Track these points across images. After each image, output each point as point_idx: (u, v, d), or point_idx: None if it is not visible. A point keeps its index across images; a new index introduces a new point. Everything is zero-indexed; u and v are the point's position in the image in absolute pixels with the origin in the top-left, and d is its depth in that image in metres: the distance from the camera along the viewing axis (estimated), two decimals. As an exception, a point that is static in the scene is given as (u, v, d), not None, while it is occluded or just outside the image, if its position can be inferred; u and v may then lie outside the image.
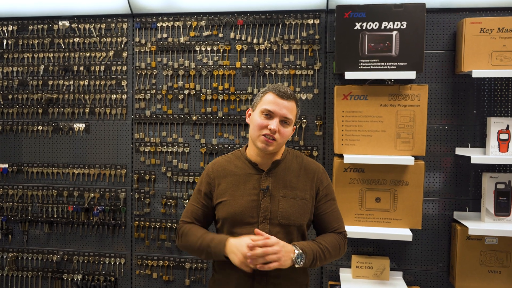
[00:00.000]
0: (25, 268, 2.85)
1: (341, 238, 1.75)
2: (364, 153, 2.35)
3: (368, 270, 2.44)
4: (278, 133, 1.64)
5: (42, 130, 2.81)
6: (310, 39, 2.55)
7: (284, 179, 1.71)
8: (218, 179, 1.74)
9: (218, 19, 2.62)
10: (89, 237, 2.79)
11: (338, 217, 1.78)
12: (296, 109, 1.71)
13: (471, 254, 2.34)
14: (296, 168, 1.75)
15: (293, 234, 1.70)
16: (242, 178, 1.72)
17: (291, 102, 1.67)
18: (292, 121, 1.69)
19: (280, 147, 1.72)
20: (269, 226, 1.67)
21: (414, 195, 2.33)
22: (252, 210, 1.67)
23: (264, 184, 1.69)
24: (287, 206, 1.68)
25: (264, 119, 1.65)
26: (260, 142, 1.66)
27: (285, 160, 1.75)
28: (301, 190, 1.71)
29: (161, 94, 2.69)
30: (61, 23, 2.77)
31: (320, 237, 1.73)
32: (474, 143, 2.44)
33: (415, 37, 2.27)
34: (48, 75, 2.80)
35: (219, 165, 1.78)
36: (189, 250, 1.75)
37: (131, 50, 2.72)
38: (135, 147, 2.73)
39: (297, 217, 1.69)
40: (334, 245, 1.70)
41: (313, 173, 1.75)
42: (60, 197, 2.81)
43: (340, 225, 1.77)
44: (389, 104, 2.33)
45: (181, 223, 1.78)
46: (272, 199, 1.68)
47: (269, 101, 1.66)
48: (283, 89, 1.67)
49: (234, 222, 1.68)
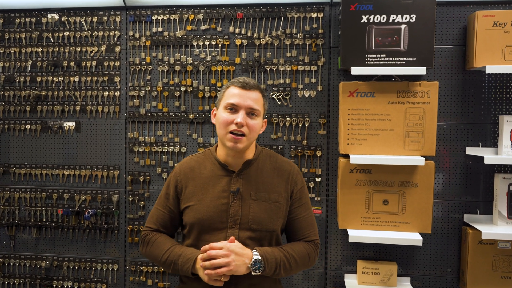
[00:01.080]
0: (11, 275, 2.72)
1: (311, 247, 1.66)
2: (371, 153, 2.24)
3: (375, 276, 2.33)
4: (246, 126, 1.53)
5: (30, 129, 2.69)
6: (314, 33, 2.44)
7: (257, 181, 1.61)
8: (185, 182, 1.65)
9: (216, 12, 2.50)
10: (80, 242, 2.67)
11: (311, 223, 1.69)
12: (263, 99, 1.61)
13: (483, 259, 2.23)
14: (269, 169, 1.64)
15: (265, 240, 1.60)
16: (211, 181, 1.61)
17: (256, 92, 1.57)
18: (260, 112, 1.59)
19: (251, 143, 1.60)
20: (239, 231, 1.56)
21: (424, 197, 2.23)
22: (221, 214, 1.57)
23: (234, 186, 1.59)
24: (259, 209, 1.58)
25: (229, 114, 1.55)
26: (228, 140, 1.55)
27: (258, 160, 1.64)
28: (274, 192, 1.61)
29: (156, 91, 2.57)
30: (50, 16, 2.65)
31: (288, 245, 1.65)
32: (485, 142, 2.33)
33: (424, 30, 2.16)
34: (36, 71, 2.67)
35: (187, 166, 1.68)
36: (154, 261, 1.66)
37: (125, 45, 2.60)
38: (128, 147, 2.61)
39: (269, 222, 1.59)
40: (302, 255, 1.62)
41: (287, 174, 1.66)
42: (49, 200, 2.68)
43: (312, 233, 1.68)
44: (397, 102, 2.22)
45: (146, 230, 1.70)
46: (243, 202, 1.58)
47: (232, 94, 1.57)
48: (245, 80, 1.58)
49: (202, 228, 1.59)
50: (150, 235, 1.67)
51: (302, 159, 2.46)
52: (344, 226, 2.29)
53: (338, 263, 2.46)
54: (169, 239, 1.66)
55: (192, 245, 1.62)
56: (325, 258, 2.47)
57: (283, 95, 2.46)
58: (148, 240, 1.66)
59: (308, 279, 2.48)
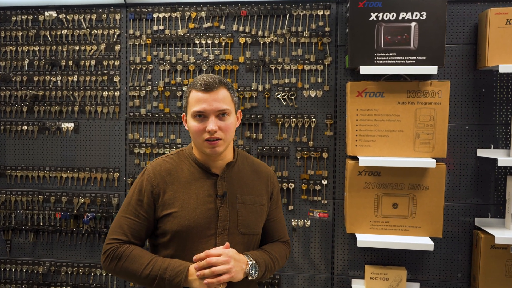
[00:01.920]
0: (8, 281, 2.65)
1: (287, 247, 1.70)
2: (380, 155, 2.18)
3: (383, 281, 2.26)
4: (220, 130, 1.44)
5: (27, 130, 2.62)
6: (320, 31, 2.37)
7: (240, 183, 1.54)
8: (163, 186, 1.48)
9: (219, 9, 2.43)
10: (79, 246, 2.60)
11: (284, 225, 1.71)
12: (230, 93, 1.49)
13: (495, 264, 2.17)
14: (248, 171, 1.59)
15: (251, 244, 1.55)
16: (193, 185, 1.49)
17: (220, 90, 1.45)
18: (230, 110, 1.47)
19: (229, 142, 1.51)
20: (228, 237, 1.48)
21: (435, 200, 2.16)
22: (209, 220, 1.47)
23: (221, 190, 1.50)
24: (246, 213, 1.52)
25: (198, 123, 1.45)
26: (205, 148, 1.45)
27: (237, 162, 1.57)
28: (258, 195, 1.57)
29: (157, 91, 2.50)
30: (48, 13, 2.58)
31: (268, 246, 1.62)
32: (496, 144, 2.27)
33: (435, 28, 2.10)
34: (33, 70, 2.61)
35: (162, 168, 1.51)
36: (129, 278, 1.48)
37: (125, 43, 2.53)
38: (129, 149, 2.54)
39: (256, 225, 1.55)
40: (282, 256, 1.64)
41: (266, 176, 1.62)
42: (47, 203, 2.61)
43: (286, 234, 1.71)
44: (407, 102, 2.16)
45: (114, 243, 1.46)
46: (230, 206, 1.50)
47: (196, 100, 1.45)
48: (206, 80, 1.45)
49: (188, 236, 1.45)
50: (122, 248, 1.45)
51: (308, 161, 2.39)
52: (352, 230, 2.22)
53: (345, 268, 2.39)
54: (146, 252, 1.48)
55: (174, 255, 1.47)
56: (331, 263, 2.40)
57: (288, 95, 2.39)
58: (120, 253, 1.44)
59: (314, 284, 2.41)
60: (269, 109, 2.42)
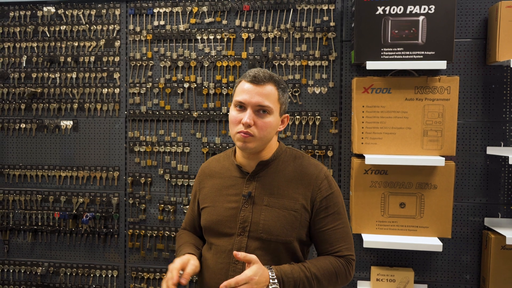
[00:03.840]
0: (6, 282, 2.63)
1: (341, 263, 1.45)
2: (387, 153, 2.13)
3: (390, 283, 2.21)
4: (255, 126, 1.40)
5: (25, 128, 2.61)
6: (325, 26, 2.33)
7: (272, 185, 1.46)
8: (204, 182, 1.59)
9: (221, 4, 2.40)
10: (78, 247, 2.58)
11: (343, 236, 1.47)
12: (278, 92, 1.44)
13: (506, 265, 2.12)
14: (290, 172, 1.48)
15: (279, 253, 1.44)
16: (227, 182, 1.52)
17: (267, 85, 1.42)
18: (272, 108, 1.42)
19: (264, 143, 1.45)
20: (248, 239, 1.43)
21: (443, 200, 2.10)
22: (230, 219, 1.46)
23: (246, 190, 1.46)
24: (271, 217, 1.43)
25: (237, 112, 1.43)
26: (237, 140, 1.43)
27: (277, 162, 1.50)
28: (290, 198, 1.45)
29: (158, 88, 2.47)
30: (46, 9, 2.56)
31: (313, 261, 1.45)
32: (507, 141, 2.21)
33: (444, 22, 2.04)
34: (31, 67, 2.59)
35: (209, 165, 1.63)
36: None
37: (125, 39, 2.51)
38: (129, 147, 2.52)
39: (282, 232, 1.42)
40: (329, 272, 1.42)
41: (310, 179, 1.47)
42: (45, 203, 2.59)
43: (345, 247, 1.47)
44: (415, 98, 2.10)
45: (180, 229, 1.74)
46: (254, 208, 1.45)
47: (241, 90, 1.43)
48: (256, 73, 1.43)
49: (212, 232, 1.51)
50: (178, 233, 1.71)
51: (312, 159, 2.34)
52: (358, 231, 2.17)
53: (350, 269, 2.34)
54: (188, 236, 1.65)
55: (207, 249, 1.55)
56: (336, 264, 2.35)
57: (292, 91, 2.34)
58: (176, 237, 1.71)
59: (319, 286, 2.36)
60: (272, 106, 2.37)
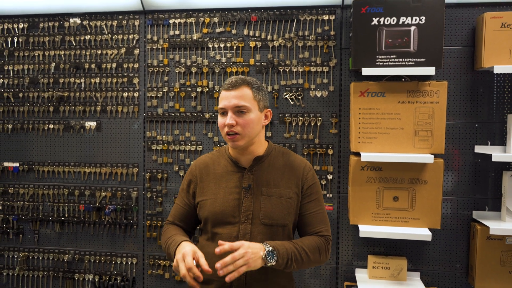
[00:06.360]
0: (36, 268, 2.83)
1: (322, 241, 1.64)
2: (382, 151, 2.30)
3: (385, 270, 2.39)
4: (238, 125, 1.59)
5: (53, 129, 2.79)
6: (325, 35, 2.51)
7: (267, 177, 1.66)
8: (200, 177, 1.72)
9: (231, 15, 2.58)
10: (101, 236, 2.76)
11: (322, 220, 1.68)
12: (252, 92, 1.61)
13: (491, 254, 2.28)
14: (280, 165, 1.69)
15: (277, 235, 1.64)
16: (224, 177, 1.69)
17: (240, 88, 1.60)
18: (249, 106, 1.59)
19: (251, 138, 1.63)
20: (251, 226, 1.62)
21: (433, 194, 2.28)
22: (234, 209, 1.64)
23: (246, 182, 1.65)
24: (270, 205, 1.63)
25: (221, 118, 1.64)
26: (228, 141, 1.64)
27: (269, 157, 1.70)
28: (285, 188, 1.66)
29: (173, 92, 2.66)
30: (72, 20, 2.74)
31: (299, 239, 1.65)
32: (494, 141, 2.38)
33: (434, 32, 2.22)
34: (59, 73, 2.77)
35: (202, 163, 1.75)
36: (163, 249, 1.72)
37: (143, 47, 2.69)
38: (147, 146, 2.70)
39: (281, 217, 1.63)
40: (313, 247, 1.61)
41: (298, 170, 1.69)
42: (71, 196, 2.78)
43: (324, 228, 1.67)
44: (407, 101, 2.28)
45: (166, 223, 1.79)
46: (255, 197, 1.64)
47: (220, 99, 1.64)
48: (230, 81, 1.62)
49: (216, 222, 1.65)
50: (164, 228, 1.77)
51: (314, 157, 2.53)
52: (355, 222, 2.36)
53: (349, 258, 2.53)
54: (176, 229, 1.72)
55: (209, 238, 1.68)
56: (336, 253, 2.54)
57: (295, 95, 2.53)
58: (163, 231, 1.76)
59: (320, 274, 2.55)
60: (277, 109, 2.57)
